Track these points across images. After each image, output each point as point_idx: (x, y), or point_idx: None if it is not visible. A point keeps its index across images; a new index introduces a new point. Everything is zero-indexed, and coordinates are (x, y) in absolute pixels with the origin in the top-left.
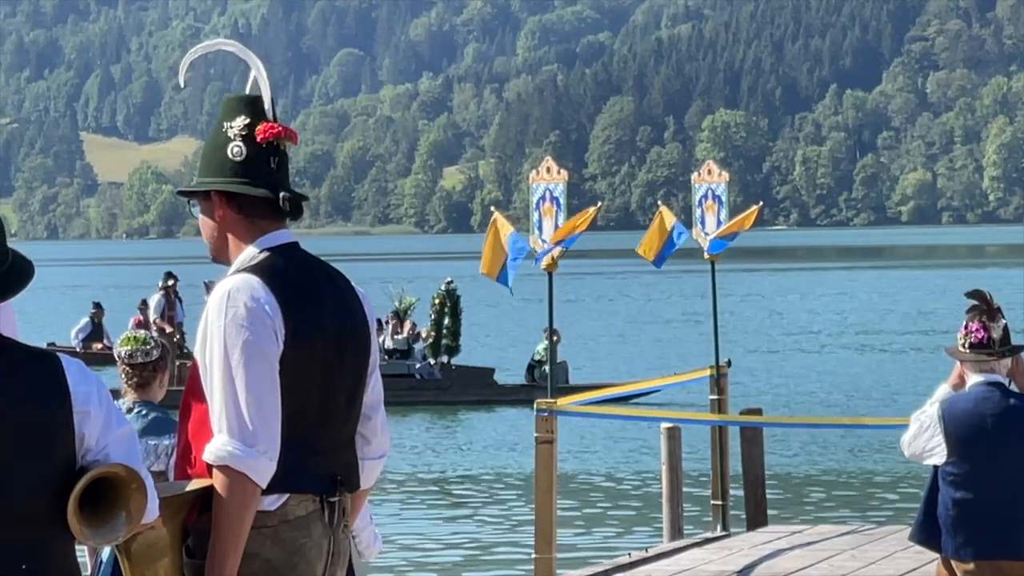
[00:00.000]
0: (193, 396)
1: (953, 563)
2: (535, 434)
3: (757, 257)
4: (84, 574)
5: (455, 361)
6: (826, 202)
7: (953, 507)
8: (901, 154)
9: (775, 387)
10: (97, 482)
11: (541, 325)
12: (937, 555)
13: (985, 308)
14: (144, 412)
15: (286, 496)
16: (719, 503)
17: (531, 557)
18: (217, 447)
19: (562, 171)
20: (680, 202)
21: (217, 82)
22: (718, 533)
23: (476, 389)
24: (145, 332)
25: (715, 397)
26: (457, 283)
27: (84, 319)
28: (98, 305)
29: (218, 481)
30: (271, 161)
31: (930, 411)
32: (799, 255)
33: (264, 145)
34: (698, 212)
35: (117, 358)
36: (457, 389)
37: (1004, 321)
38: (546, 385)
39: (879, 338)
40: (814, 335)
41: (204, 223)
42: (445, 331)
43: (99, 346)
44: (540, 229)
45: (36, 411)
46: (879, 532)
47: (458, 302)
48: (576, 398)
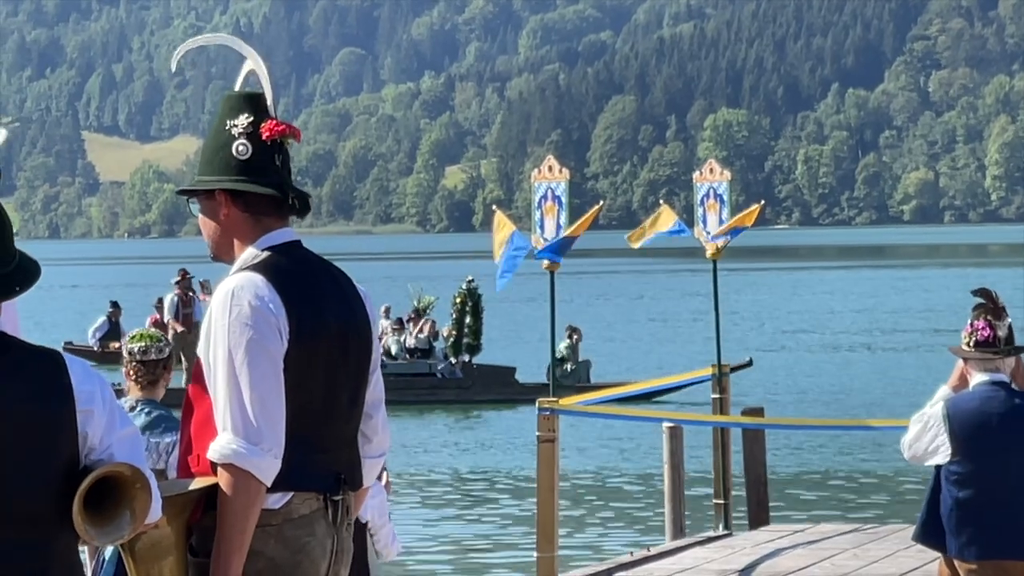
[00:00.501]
0: (197, 394)
1: (956, 563)
2: (537, 433)
3: (759, 256)
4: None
5: (476, 360)
6: (828, 201)
7: (956, 507)
8: (903, 153)
9: (776, 386)
10: (101, 481)
11: (562, 324)
12: (939, 554)
13: (991, 307)
14: (147, 410)
15: (290, 494)
16: (721, 502)
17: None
18: (222, 445)
19: (564, 170)
20: (682, 201)
21: (219, 81)
22: (720, 532)
23: (497, 388)
24: (156, 330)
25: (717, 396)
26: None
27: (101, 318)
28: (115, 304)
29: (223, 479)
30: (276, 159)
31: (933, 411)
32: (801, 254)
33: (269, 143)
34: (700, 211)
35: (128, 355)
36: (478, 388)
37: (1009, 320)
38: (568, 384)
39: (881, 337)
40: (816, 334)
41: (205, 222)
42: (466, 330)
43: (116, 345)
44: (542, 228)
45: (39, 410)
46: (881, 531)
47: (479, 301)
48: (579, 398)
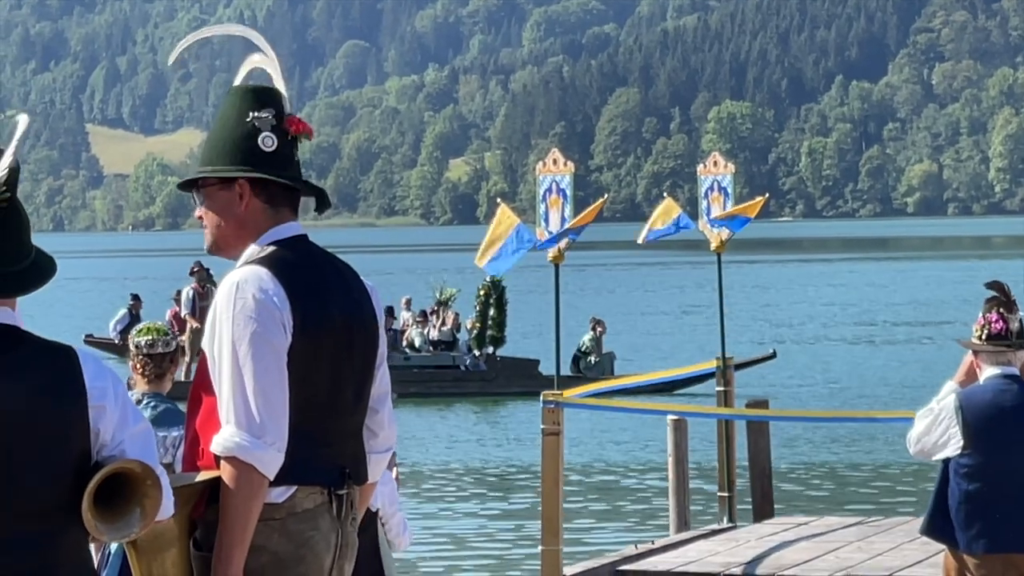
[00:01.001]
0: (202, 388)
1: (965, 556)
2: (541, 426)
3: (763, 248)
4: None
5: (500, 352)
6: (832, 193)
7: (966, 500)
8: (907, 145)
9: (781, 378)
10: (112, 478)
11: (586, 316)
12: (944, 547)
13: (1003, 299)
14: (154, 404)
15: (294, 488)
16: (725, 495)
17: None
18: (225, 438)
19: (569, 163)
20: (686, 193)
21: (223, 74)
22: (724, 525)
23: (521, 380)
24: (163, 323)
25: (722, 389)
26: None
27: (122, 310)
28: (136, 297)
29: (225, 472)
30: (295, 154)
31: (943, 404)
32: (805, 246)
33: (290, 138)
34: (704, 203)
35: (134, 348)
36: (502, 380)
37: (1021, 313)
38: (593, 376)
39: (885, 330)
40: (820, 326)
41: (216, 213)
42: (490, 322)
43: None
44: (547, 221)
45: (51, 405)
46: (886, 524)
47: (503, 293)
48: (580, 390)
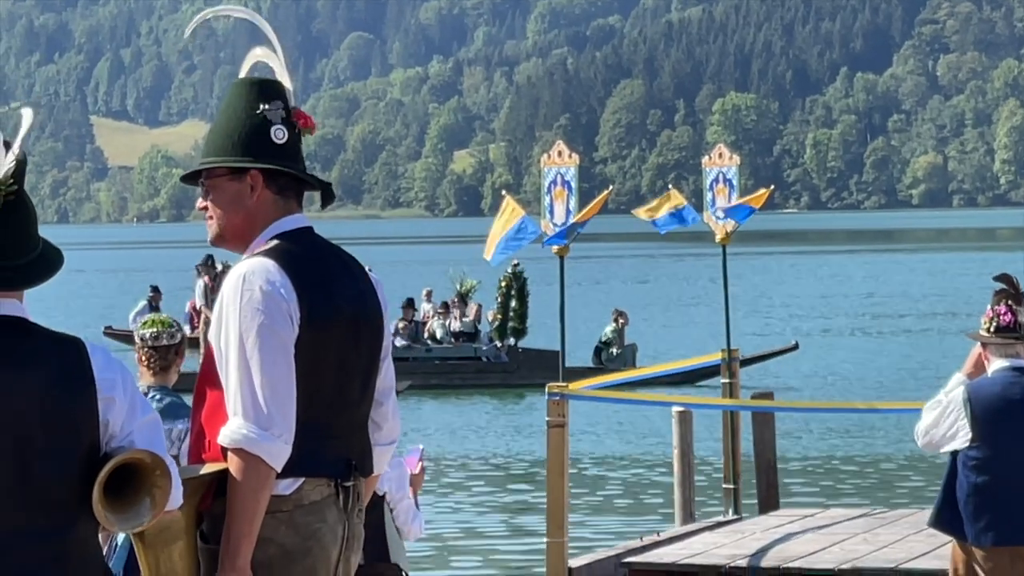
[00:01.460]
0: (208, 381)
1: (973, 549)
2: (547, 418)
3: (768, 240)
4: None
5: (522, 344)
6: (837, 185)
7: (974, 493)
8: (912, 137)
9: (786, 370)
10: (122, 468)
11: (607, 307)
12: (951, 539)
13: (1012, 292)
14: (159, 397)
15: (301, 480)
16: (731, 487)
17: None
18: (232, 430)
19: (574, 155)
20: (691, 185)
21: (227, 66)
22: (730, 517)
23: (543, 372)
24: (168, 315)
25: (727, 381)
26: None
27: (142, 302)
28: (155, 288)
29: (233, 464)
30: (300, 148)
31: (951, 396)
32: (810, 238)
33: (298, 132)
34: (709, 196)
35: (139, 340)
36: (524, 372)
37: None
38: (615, 368)
39: (890, 321)
40: (825, 318)
41: (220, 204)
42: (512, 313)
43: None
44: (552, 213)
45: (60, 396)
46: (891, 515)
47: (525, 284)
48: (590, 381)
